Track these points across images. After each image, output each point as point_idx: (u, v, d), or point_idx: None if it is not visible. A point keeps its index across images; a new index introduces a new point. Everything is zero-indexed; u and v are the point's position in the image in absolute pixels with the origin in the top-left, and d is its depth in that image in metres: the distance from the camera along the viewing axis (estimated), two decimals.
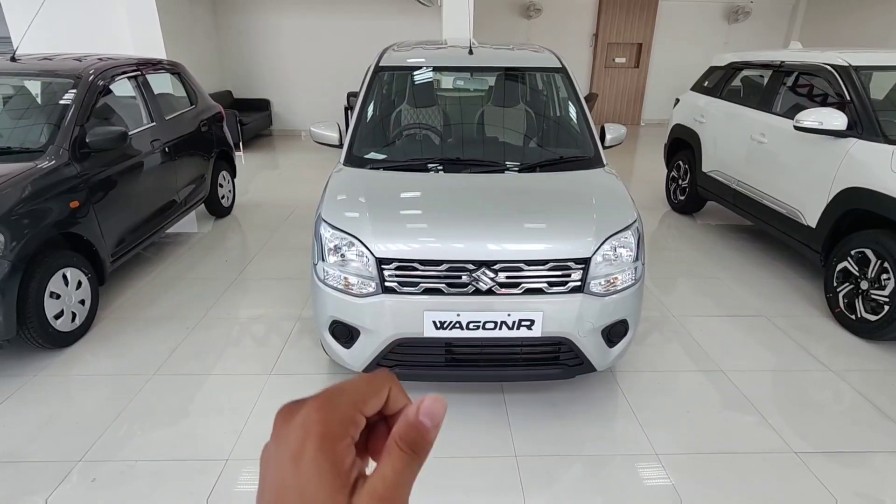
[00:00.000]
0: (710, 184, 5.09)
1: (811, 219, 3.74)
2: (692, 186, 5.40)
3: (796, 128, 3.68)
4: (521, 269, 2.36)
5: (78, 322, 3.18)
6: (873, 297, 3.24)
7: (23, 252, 2.77)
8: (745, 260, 4.52)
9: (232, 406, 2.69)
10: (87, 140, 3.27)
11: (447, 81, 3.63)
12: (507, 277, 2.36)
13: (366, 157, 3.02)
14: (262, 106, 9.56)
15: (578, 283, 2.40)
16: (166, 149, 4.21)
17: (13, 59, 3.71)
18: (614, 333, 2.55)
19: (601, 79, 11.01)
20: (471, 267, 2.34)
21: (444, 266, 2.34)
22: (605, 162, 3.04)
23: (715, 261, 4.53)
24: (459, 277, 2.35)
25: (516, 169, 2.96)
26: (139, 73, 4.18)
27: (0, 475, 2.24)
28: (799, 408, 2.74)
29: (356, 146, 3.05)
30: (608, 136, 3.22)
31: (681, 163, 5.65)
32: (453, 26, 7.13)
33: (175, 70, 4.87)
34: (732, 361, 3.10)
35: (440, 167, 2.94)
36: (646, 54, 10.87)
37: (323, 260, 2.50)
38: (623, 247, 2.49)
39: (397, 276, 2.37)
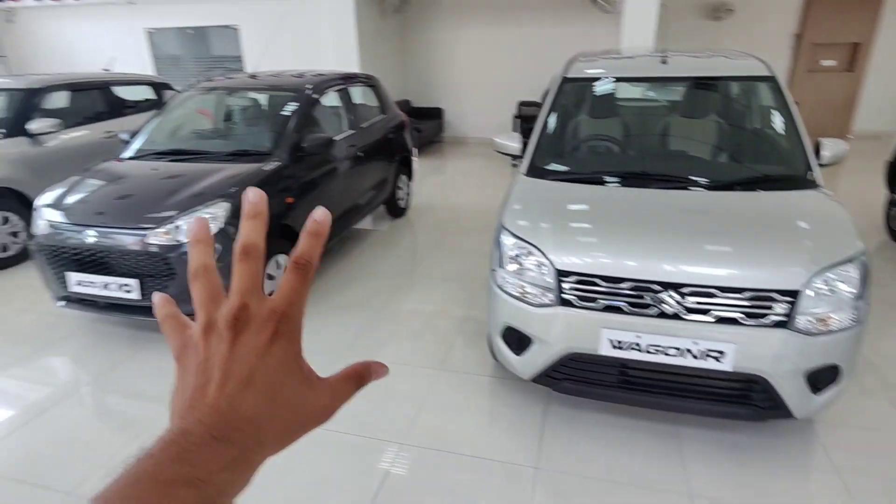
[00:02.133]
0: None
1: None
2: None
3: None
4: (713, 296, 2.19)
5: None
6: None
7: None
8: None
9: (404, 393, 2.90)
10: (303, 145, 3.79)
11: (634, 92, 3.50)
12: (697, 303, 2.21)
13: (548, 168, 3.05)
14: (436, 114, 10.15)
15: (783, 318, 2.15)
16: (360, 153, 4.70)
17: (252, 76, 4.45)
18: (821, 379, 2.23)
19: (802, 85, 9.68)
20: (656, 288, 2.23)
21: (628, 284, 2.27)
22: (819, 183, 2.69)
23: None
24: (642, 297, 2.26)
25: (712, 186, 2.75)
26: (343, 86, 4.72)
27: None
28: None
29: (538, 157, 3.09)
30: (825, 154, 2.83)
31: None
32: (634, 33, 6.84)
33: (371, 83, 5.41)
34: None
35: (626, 181, 2.85)
36: (863, 56, 9.31)
37: (502, 267, 2.58)
38: (842, 281, 2.18)
39: (576, 289, 2.35)
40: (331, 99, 4.59)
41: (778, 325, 2.16)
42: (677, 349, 2.23)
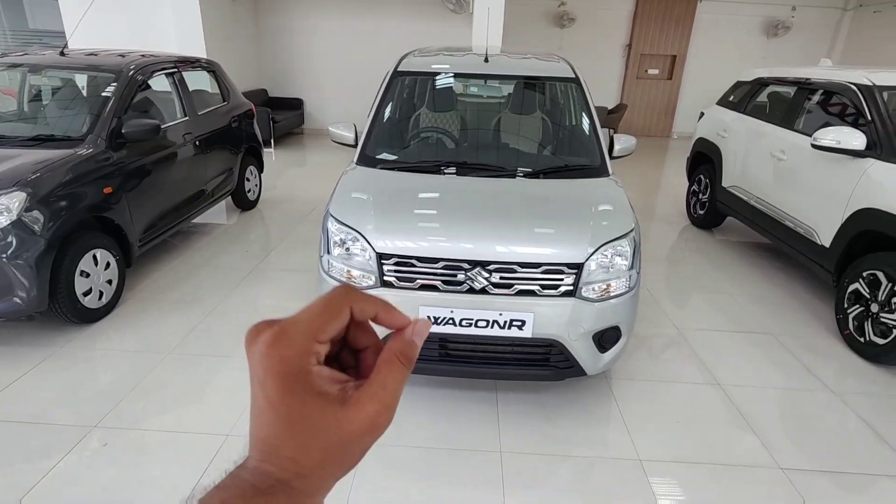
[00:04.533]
0: (729, 199, 5.05)
1: (825, 238, 3.70)
2: (712, 201, 5.36)
3: (814, 146, 3.65)
4: (514, 271, 2.44)
5: (105, 300, 3.40)
6: (883, 320, 3.18)
7: (58, 231, 2.99)
8: (761, 278, 4.47)
9: (237, 387, 2.84)
10: (123, 131, 3.50)
11: (465, 87, 3.74)
12: (501, 278, 2.44)
13: (378, 157, 3.15)
14: (296, 105, 9.86)
15: (571, 288, 2.47)
16: (197, 142, 4.44)
17: (62, 53, 4.00)
18: (606, 339, 2.59)
19: (633, 90, 10.94)
20: (466, 266, 2.43)
21: (441, 264, 2.44)
22: (610, 171, 3.09)
23: (729, 277, 4.49)
24: (455, 276, 2.45)
25: (523, 175, 3.04)
26: (176, 70, 4.42)
27: (22, 434, 2.44)
28: (794, 426, 2.73)
29: (369, 146, 3.18)
30: (617, 147, 3.27)
31: (702, 177, 5.61)
32: (482, 33, 7.24)
33: (210, 68, 5.12)
34: (732, 376, 3.10)
35: (449, 170, 3.04)
36: (679, 66, 10.76)
37: (328, 253, 2.63)
38: (618, 255, 2.54)
39: (396, 271, 2.48)
40: (161, 83, 4.28)
41: (567, 294, 2.47)
42: (486, 321, 2.45)
